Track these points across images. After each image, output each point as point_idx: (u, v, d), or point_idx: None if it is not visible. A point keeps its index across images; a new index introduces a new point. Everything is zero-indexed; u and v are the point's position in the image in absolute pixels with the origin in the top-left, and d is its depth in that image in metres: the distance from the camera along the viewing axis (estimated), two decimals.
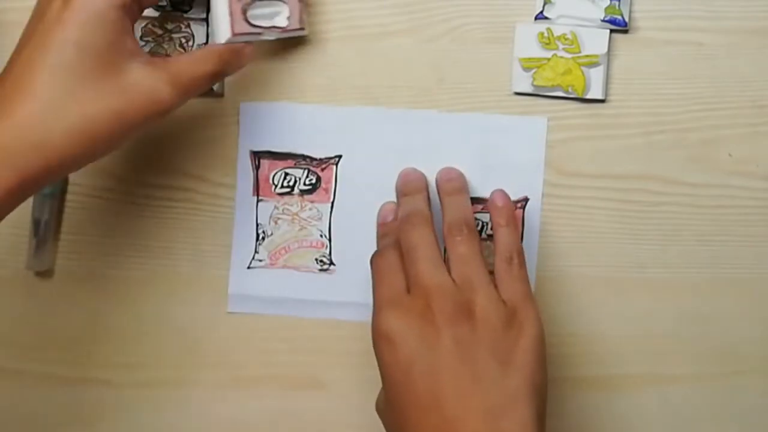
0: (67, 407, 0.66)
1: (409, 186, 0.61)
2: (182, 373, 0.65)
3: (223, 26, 0.59)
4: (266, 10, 0.61)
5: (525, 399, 0.52)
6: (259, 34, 0.59)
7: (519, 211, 0.63)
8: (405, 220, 0.58)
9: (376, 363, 0.54)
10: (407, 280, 0.55)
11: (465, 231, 0.57)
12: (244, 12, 0.60)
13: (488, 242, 0.63)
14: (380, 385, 0.62)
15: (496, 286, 0.55)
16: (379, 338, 0.54)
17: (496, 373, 0.52)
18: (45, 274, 0.65)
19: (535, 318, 0.54)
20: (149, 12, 0.63)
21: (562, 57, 0.61)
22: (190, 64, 0.56)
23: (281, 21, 0.61)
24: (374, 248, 0.59)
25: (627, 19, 0.61)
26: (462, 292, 0.54)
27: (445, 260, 0.56)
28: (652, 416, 0.64)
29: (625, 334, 0.64)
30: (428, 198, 0.60)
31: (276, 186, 0.64)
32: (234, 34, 0.60)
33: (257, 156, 0.64)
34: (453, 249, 0.56)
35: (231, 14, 0.61)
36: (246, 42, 0.59)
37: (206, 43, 0.63)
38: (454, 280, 0.55)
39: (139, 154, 0.64)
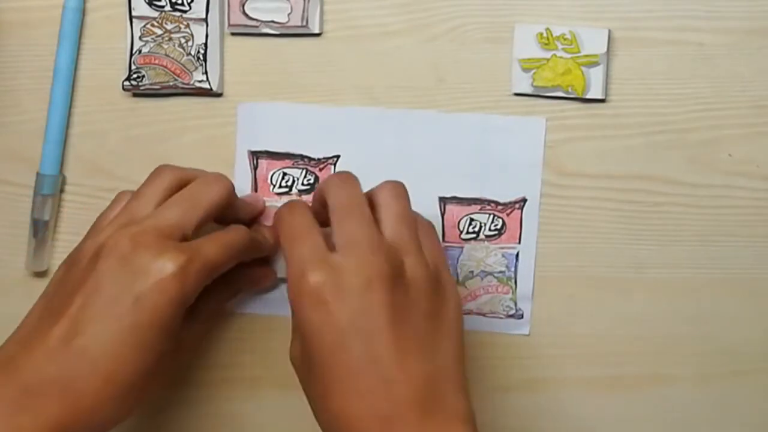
0: None
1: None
2: (183, 373, 0.65)
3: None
4: (267, 4, 0.61)
5: (457, 363, 0.52)
6: (256, 27, 0.59)
7: (517, 212, 0.63)
8: (332, 178, 0.56)
9: None
10: (333, 239, 0.53)
11: (402, 195, 0.55)
12: (242, 4, 0.60)
13: (486, 242, 0.63)
14: None
15: None
16: (308, 299, 0.50)
17: (428, 337, 0.51)
18: (44, 274, 0.65)
19: (454, 284, 0.54)
20: (149, 12, 0.63)
21: (561, 57, 0.61)
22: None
23: (281, 16, 0.61)
24: None
25: None
26: (395, 252, 0.52)
27: None
28: (652, 416, 0.64)
29: (625, 334, 0.63)
30: None
31: (274, 186, 0.64)
32: (230, 25, 0.60)
33: (255, 156, 0.64)
34: (387, 209, 0.54)
35: (229, 5, 0.62)
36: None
37: (206, 43, 0.63)
38: (387, 240, 0.53)
39: (138, 154, 0.64)
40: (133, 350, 0.52)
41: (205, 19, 0.63)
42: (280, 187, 0.64)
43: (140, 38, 0.63)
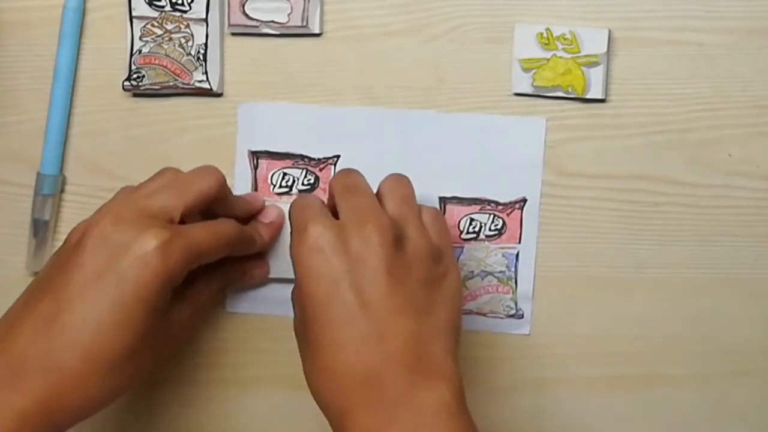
0: None
1: None
2: (182, 373, 0.65)
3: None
4: (267, 4, 0.61)
5: (450, 330, 0.53)
6: (256, 27, 0.59)
7: (517, 212, 0.63)
8: (339, 173, 0.58)
9: None
10: (339, 216, 0.54)
11: (405, 183, 0.57)
12: (242, 4, 0.60)
13: (486, 242, 0.63)
14: None
15: None
16: (307, 248, 0.52)
17: (424, 302, 0.52)
18: None
19: (456, 265, 0.55)
20: (149, 12, 0.63)
21: (561, 57, 0.61)
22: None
23: (281, 17, 0.61)
24: None
25: None
26: (396, 222, 0.54)
27: None
28: (652, 416, 0.64)
29: (625, 334, 0.63)
30: None
31: (274, 186, 0.64)
32: (230, 25, 0.60)
33: (255, 156, 0.64)
34: (390, 192, 0.56)
35: (229, 5, 0.62)
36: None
37: (206, 43, 0.63)
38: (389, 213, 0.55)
39: (137, 154, 0.65)
40: (114, 327, 0.52)
41: (205, 19, 0.63)
42: (281, 187, 0.64)
43: (140, 38, 0.63)
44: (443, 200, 0.63)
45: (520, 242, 0.63)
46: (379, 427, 0.49)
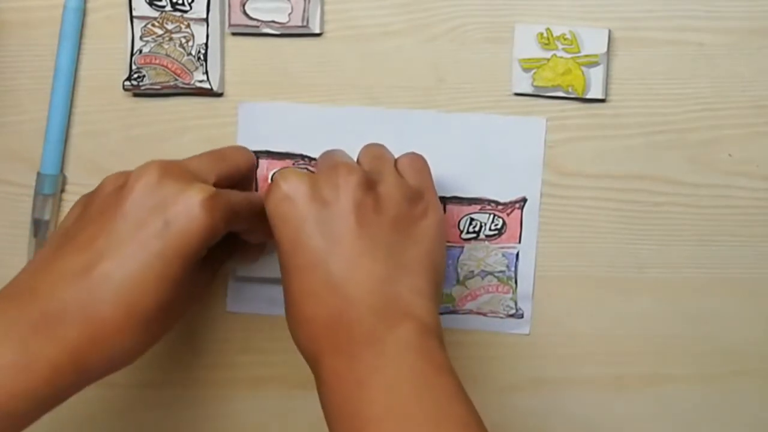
0: (68, 407, 0.66)
1: None
2: (182, 373, 0.66)
3: None
4: (268, 4, 0.61)
5: (421, 270, 0.52)
6: (256, 27, 0.59)
7: (517, 212, 0.63)
8: (321, 155, 0.58)
9: None
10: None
11: (379, 145, 0.58)
12: (243, 4, 0.60)
13: (486, 242, 0.63)
14: None
15: None
16: (279, 201, 0.52)
17: (394, 243, 0.52)
18: None
19: (439, 206, 0.56)
20: (150, 12, 0.63)
21: (561, 57, 0.61)
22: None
23: (281, 17, 0.61)
24: None
25: None
26: (370, 173, 0.54)
27: None
28: (652, 416, 0.64)
29: (625, 334, 0.63)
30: None
31: None
32: (230, 25, 0.60)
33: (256, 156, 0.64)
34: (363, 152, 0.57)
35: (229, 5, 0.62)
36: None
37: (206, 43, 0.63)
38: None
39: (138, 154, 0.64)
40: (157, 280, 0.51)
41: (206, 19, 0.63)
42: None
43: (141, 38, 0.63)
44: (443, 200, 0.63)
45: (520, 242, 0.63)
46: (344, 369, 0.50)
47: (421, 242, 0.53)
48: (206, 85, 0.63)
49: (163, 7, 0.63)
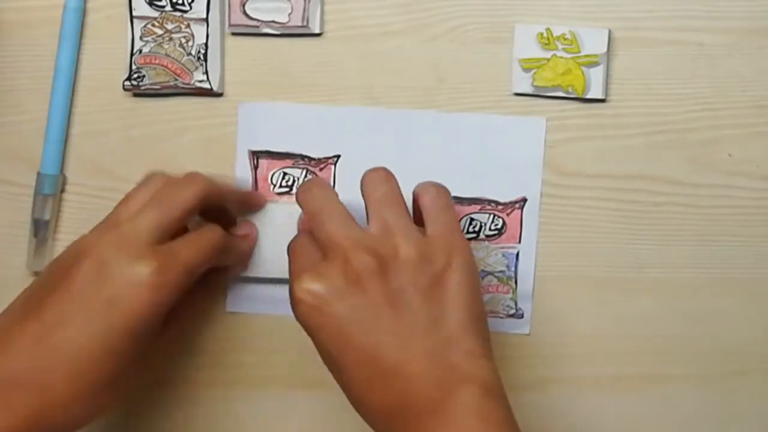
0: None
1: None
2: (182, 373, 0.65)
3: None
4: (268, 4, 0.61)
5: (467, 331, 0.52)
6: (256, 27, 0.59)
7: (517, 212, 0.63)
8: (301, 188, 0.57)
9: None
10: (321, 249, 0.54)
11: (384, 177, 0.56)
12: (243, 4, 0.60)
13: (486, 242, 0.63)
14: None
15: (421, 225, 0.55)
16: (300, 306, 0.52)
17: (432, 314, 0.52)
18: None
19: (463, 247, 0.54)
20: (150, 12, 0.63)
21: (561, 57, 0.61)
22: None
23: (281, 17, 0.61)
24: None
25: None
26: (381, 240, 0.53)
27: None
28: (652, 416, 0.64)
29: (625, 334, 0.63)
30: None
31: (274, 186, 0.64)
32: (230, 25, 0.60)
33: (256, 156, 0.64)
34: (371, 194, 0.55)
35: (229, 5, 0.62)
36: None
37: (206, 43, 0.63)
38: (370, 232, 0.54)
39: (138, 154, 0.65)
40: (102, 354, 0.52)
41: (206, 19, 0.63)
42: (281, 186, 0.64)
43: (141, 38, 0.63)
44: None
45: (520, 242, 0.63)
46: None
47: (456, 301, 0.52)
48: (206, 85, 0.63)
49: (163, 7, 0.63)
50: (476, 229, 0.63)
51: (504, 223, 0.63)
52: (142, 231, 0.54)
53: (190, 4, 0.62)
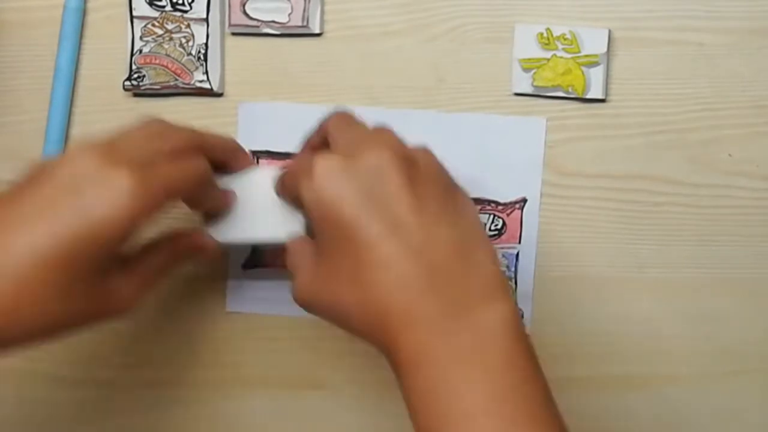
0: (68, 407, 0.66)
1: None
2: (182, 373, 0.66)
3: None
4: (268, 4, 0.61)
5: (485, 236, 0.50)
6: (256, 27, 0.60)
7: (517, 212, 0.63)
8: (332, 114, 0.55)
9: (376, 363, 0.53)
10: (347, 148, 0.51)
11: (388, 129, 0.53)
12: (243, 4, 0.60)
13: None
14: (379, 385, 0.62)
15: None
16: (318, 183, 0.49)
17: (452, 204, 0.49)
18: None
19: (467, 194, 0.52)
20: (150, 12, 0.63)
21: (561, 57, 0.61)
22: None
23: (281, 17, 0.61)
24: None
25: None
26: (404, 147, 0.51)
27: None
28: (651, 416, 0.64)
29: (625, 334, 0.63)
30: None
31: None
32: (230, 25, 0.60)
33: (256, 156, 0.64)
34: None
35: (229, 5, 0.62)
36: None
37: (207, 43, 0.63)
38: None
39: None
40: (59, 260, 0.48)
41: (206, 19, 0.63)
42: None
43: (141, 38, 0.63)
44: None
45: (520, 242, 0.63)
46: (430, 342, 0.46)
47: (470, 214, 0.50)
48: (206, 85, 0.63)
49: (163, 7, 0.63)
50: None
51: (504, 223, 0.63)
52: (133, 149, 0.51)
53: (190, 4, 0.62)
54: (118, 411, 0.66)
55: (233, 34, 0.63)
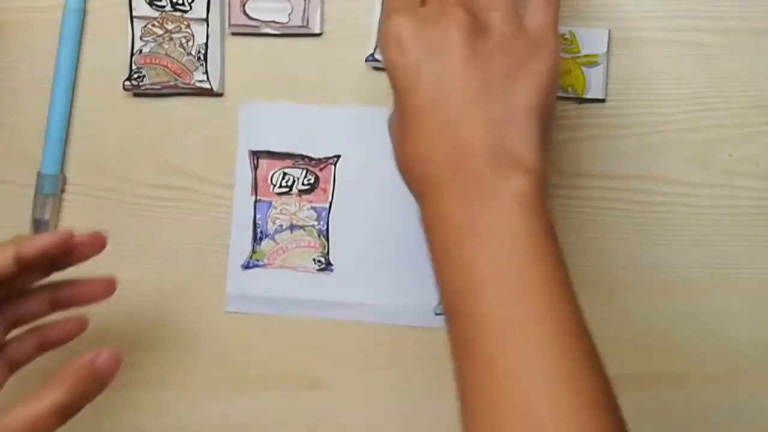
0: None
1: None
2: (182, 373, 0.66)
3: None
4: (268, 4, 0.61)
5: (531, 116, 0.50)
6: (256, 27, 0.60)
7: None
8: None
9: (376, 363, 0.54)
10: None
11: None
12: (243, 4, 0.60)
13: None
14: (379, 385, 0.62)
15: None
16: (388, 39, 0.51)
17: (505, 87, 0.51)
18: None
19: (555, 48, 0.52)
20: (150, 12, 0.63)
21: (561, 57, 0.61)
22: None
23: (281, 17, 0.61)
24: (373, 248, 0.59)
25: None
26: (483, 9, 0.52)
27: None
28: (651, 416, 0.64)
29: (625, 334, 0.63)
30: None
31: (274, 186, 0.64)
32: (230, 25, 0.60)
33: (256, 155, 0.64)
34: None
35: (229, 5, 0.62)
36: None
37: (207, 43, 0.63)
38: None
39: (138, 154, 0.65)
40: None
41: (206, 19, 0.63)
42: (281, 186, 0.64)
43: (141, 38, 0.63)
44: None
45: None
46: (454, 212, 0.49)
47: (531, 86, 0.51)
48: (206, 85, 0.63)
49: (163, 7, 0.63)
50: None
51: None
52: None
53: (190, 4, 0.62)
54: (118, 411, 0.66)
55: (233, 34, 0.63)
